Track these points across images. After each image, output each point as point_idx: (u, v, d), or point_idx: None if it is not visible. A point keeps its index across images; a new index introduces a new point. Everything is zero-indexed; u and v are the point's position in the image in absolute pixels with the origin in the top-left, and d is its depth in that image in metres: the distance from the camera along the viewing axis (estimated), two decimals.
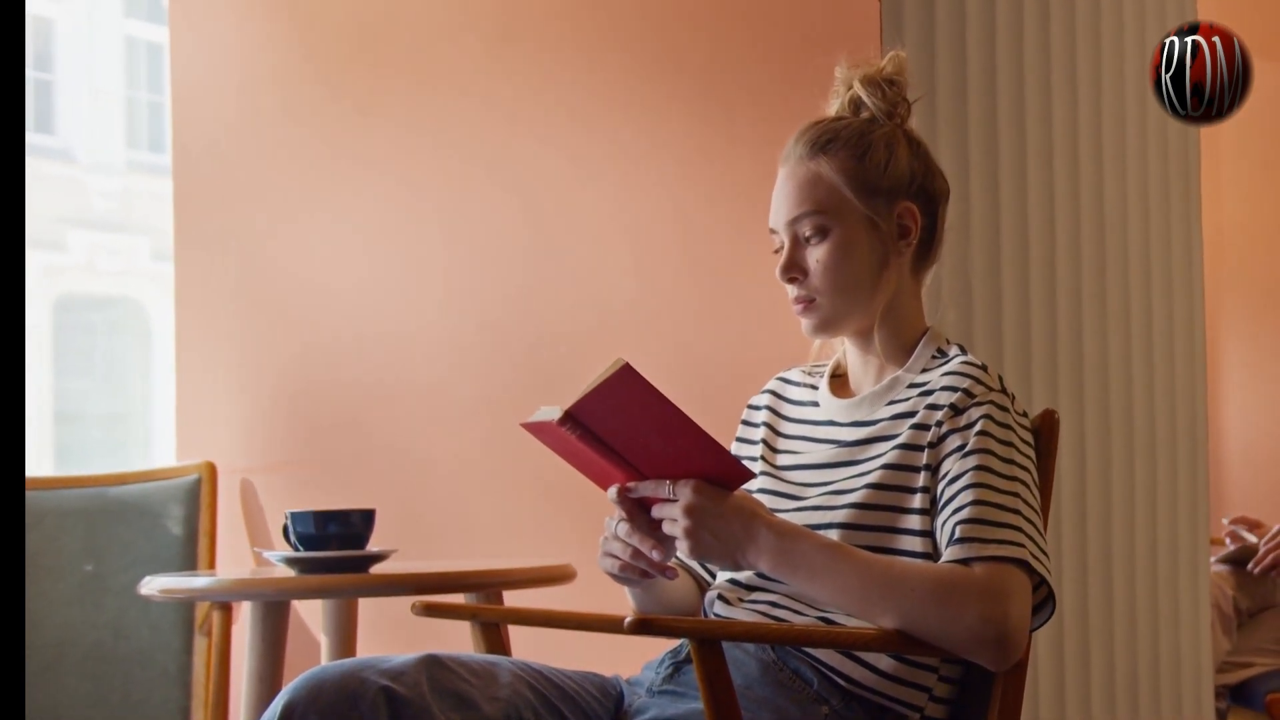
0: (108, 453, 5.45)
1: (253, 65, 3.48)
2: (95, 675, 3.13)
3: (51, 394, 5.83)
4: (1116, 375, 3.07)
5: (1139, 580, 3.10)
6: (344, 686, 1.73)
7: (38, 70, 6.48)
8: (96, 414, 5.90)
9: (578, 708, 1.86)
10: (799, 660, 1.85)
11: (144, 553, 3.16)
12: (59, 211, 6.32)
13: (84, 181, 6.49)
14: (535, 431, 1.80)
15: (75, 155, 6.54)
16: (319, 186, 3.36)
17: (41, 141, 6.54)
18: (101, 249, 6.47)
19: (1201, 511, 3.27)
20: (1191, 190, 3.25)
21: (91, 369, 6.21)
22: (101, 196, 6.53)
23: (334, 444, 3.29)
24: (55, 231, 6.32)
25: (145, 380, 5.83)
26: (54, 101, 6.55)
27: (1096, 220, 3.04)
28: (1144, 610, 3.10)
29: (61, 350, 6.04)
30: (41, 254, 6.31)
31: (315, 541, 2.38)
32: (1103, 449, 3.03)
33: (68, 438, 5.65)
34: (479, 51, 3.17)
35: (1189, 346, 3.26)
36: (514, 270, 3.10)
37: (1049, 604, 1.85)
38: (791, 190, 1.95)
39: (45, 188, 6.40)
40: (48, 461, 5.40)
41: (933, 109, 2.69)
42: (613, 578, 1.91)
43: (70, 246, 6.39)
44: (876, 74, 1.99)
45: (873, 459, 1.90)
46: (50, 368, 6.01)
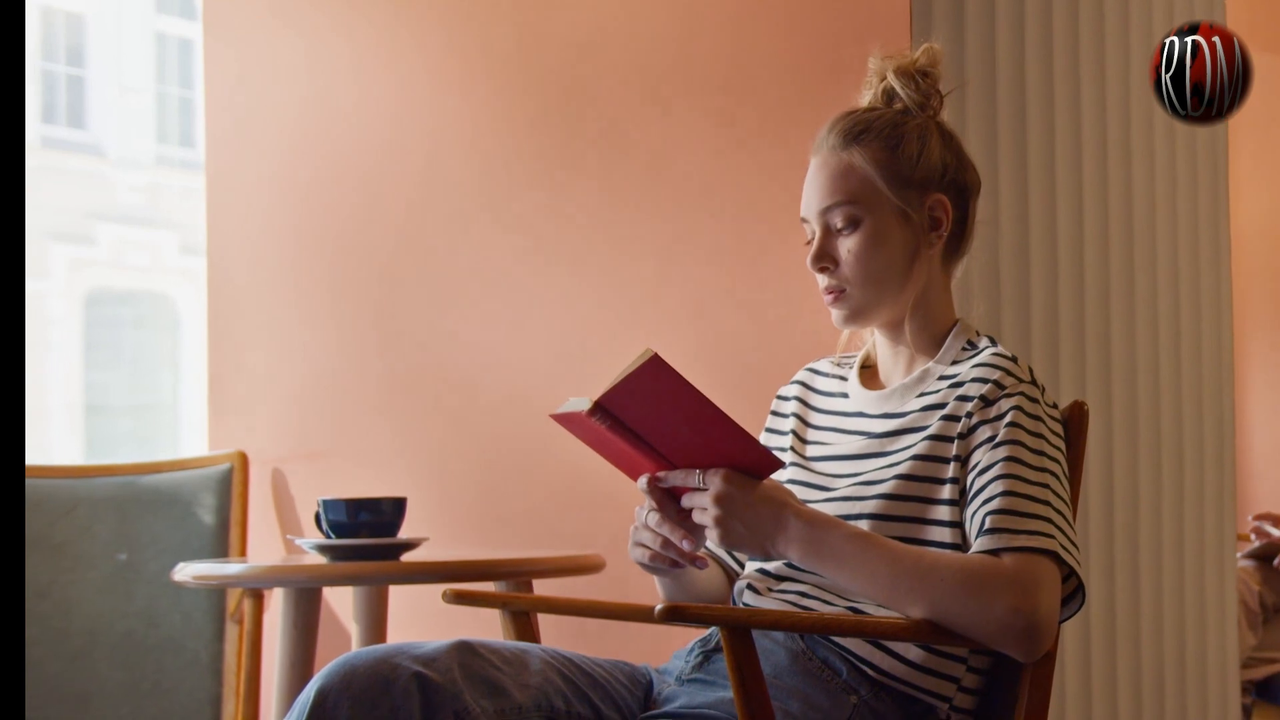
0: (135, 443, 5.49)
1: (286, 59, 3.50)
2: (127, 663, 3.15)
3: (81, 386, 5.86)
4: (1144, 369, 3.07)
5: (1165, 575, 3.10)
6: (376, 672, 1.74)
7: (69, 65, 6.51)
8: (124, 405, 5.93)
9: (607, 695, 1.87)
10: (828, 650, 1.85)
11: (176, 541, 3.18)
12: (88, 206, 6.35)
13: (113, 176, 6.52)
14: (564, 422, 1.81)
15: (105, 150, 6.56)
16: (351, 180, 3.37)
17: (72, 136, 6.57)
18: (130, 243, 6.50)
19: (1228, 506, 3.27)
20: (1220, 185, 3.25)
21: (120, 361, 6.24)
22: (130, 191, 6.56)
23: (364, 434, 3.31)
24: (84, 226, 6.35)
25: (173, 372, 5.86)
26: (85, 96, 6.58)
27: (1125, 214, 3.04)
28: (1170, 605, 3.10)
29: (91, 343, 6.07)
30: (70, 248, 6.34)
31: (347, 529, 2.40)
32: (1130, 443, 3.03)
33: (97, 429, 5.69)
34: (507, 50, 3.18)
35: (1216, 341, 3.26)
36: (545, 261, 3.11)
37: (1078, 595, 1.85)
38: (824, 180, 1.96)
39: (75, 182, 6.43)
40: (77, 452, 5.43)
41: (962, 102, 2.70)
42: (643, 567, 1.92)
43: (99, 240, 6.42)
44: (910, 65, 1.99)
45: (902, 450, 1.91)
46: (80, 360, 6.05)
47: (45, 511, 3.21)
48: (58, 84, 6.48)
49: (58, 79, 6.49)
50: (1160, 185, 3.12)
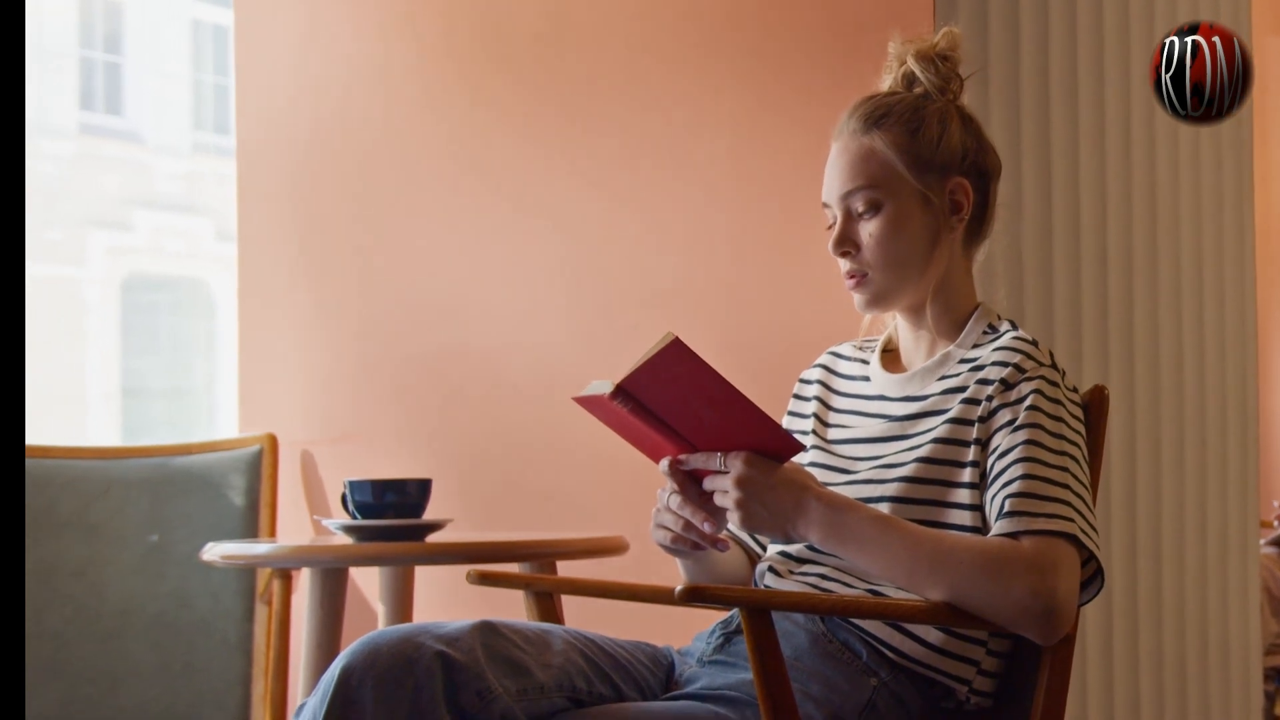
0: (172, 426, 5.53)
1: (316, 45, 3.52)
2: (158, 643, 3.18)
3: (118, 370, 5.91)
4: (1168, 354, 3.07)
5: (1188, 561, 3.09)
6: (400, 651, 1.75)
7: (107, 53, 6.54)
8: (161, 389, 5.97)
9: (629, 676, 1.88)
10: (848, 632, 1.86)
11: (207, 522, 3.21)
12: (126, 192, 6.39)
13: (150, 163, 6.55)
14: (587, 405, 1.83)
15: (142, 137, 6.60)
16: (380, 165, 3.39)
17: (109, 123, 6.61)
18: (167, 230, 6.54)
19: (1251, 492, 3.26)
20: (1244, 170, 3.24)
21: (157, 346, 6.28)
22: (167, 178, 6.60)
23: (392, 417, 3.33)
24: (122, 212, 6.39)
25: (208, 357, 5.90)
26: (122, 84, 6.61)
27: (1149, 198, 3.03)
28: (1192, 591, 3.10)
29: (128, 328, 6.12)
30: (108, 234, 6.38)
31: (373, 510, 2.42)
32: (1153, 428, 3.02)
33: (134, 412, 5.73)
34: (536, 36, 3.19)
35: (1240, 326, 3.25)
36: (571, 245, 3.12)
37: (1097, 579, 1.86)
38: (845, 165, 1.96)
39: (112, 169, 6.47)
40: (115, 435, 5.48)
41: (985, 86, 2.69)
42: (664, 549, 1.93)
43: (136, 227, 6.46)
44: (930, 49, 1.99)
45: (923, 433, 1.91)
46: (117, 345, 6.09)
47: (79, 493, 3.24)
48: (95, 71, 6.51)
49: (96, 66, 6.52)
50: (1184, 170, 3.11)
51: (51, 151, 5.78)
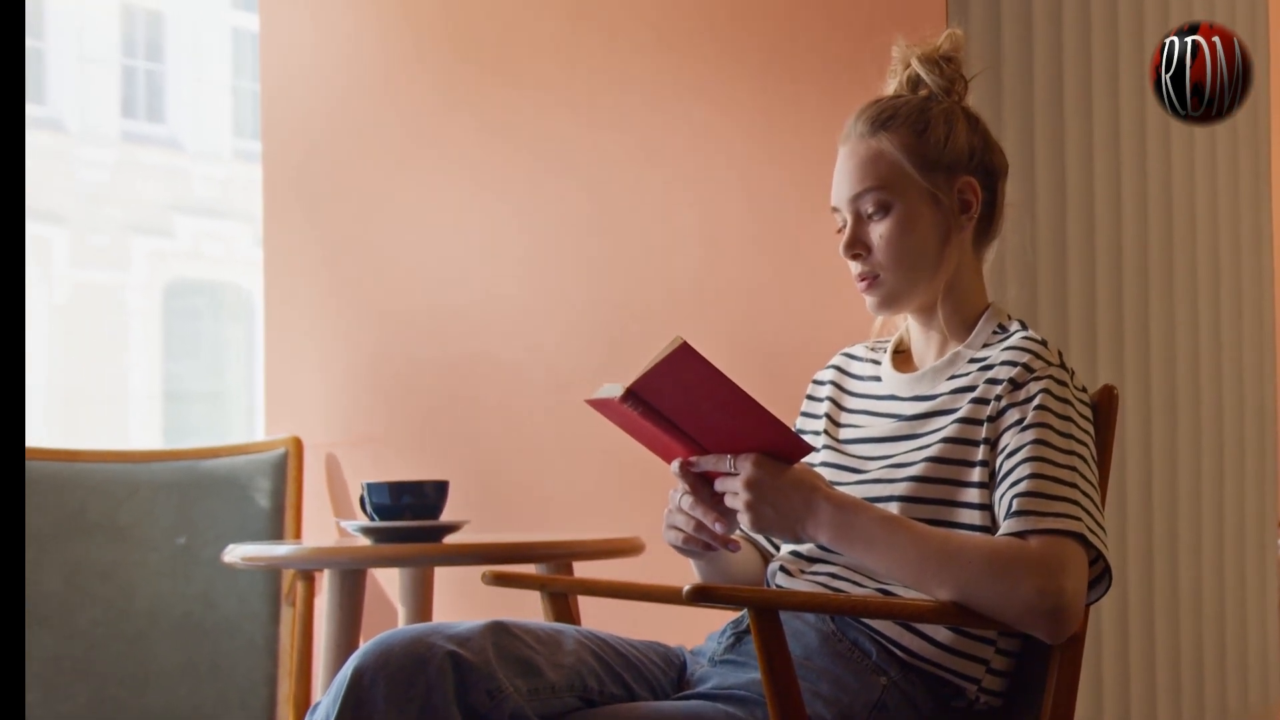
0: (210, 429, 5.58)
1: (339, 53, 3.55)
2: (186, 644, 3.21)
3: (160, 374, 5.97)
4: (1184, 353, 3.06)
5: (1205, 559, 3.08)
6: (412, 651, 1.77)
7: (149, 61, 6.59)
8: (201, 392, 6.01)
9: (641, 676, 1.90)
10: (858, 631, 1.87)
11: (233, 525, 3.24)
12: (167, 198, 6.43)
13: (190, 169, 6.60)
14: (600, 408, 1.84)
15: (183, 143, 6.65)
16: (402, 172, 3.42)
17: (151, 130, 6.66)
18: (207, 235, 6.59)
19: (1269, 490, 3.24)
20: (1261, 167, 3.22)
21: (197, 350, 6.33)
22: (207, 183, 6.64)
23: (415, 419, 3.35)
24: (163, 218, 6.44)
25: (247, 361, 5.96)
26: (164, 91, 6.66)
27: (1164, 196, 3.02)
28: (1209, 590, 3.09)
29: (169, 332, 6.17)
30: (150, 239, 6.44)
31: (390, 512, 2.44)
32: (1169, 427, 3.01)
33: (175, 415, 5.78)
34: (553, 39, 3.21)
35: (1257, 325, 3.23)
36: (587, 250, 3.14)
37: (1105, 578, 1.86)
38: (853, 168, 1.97)
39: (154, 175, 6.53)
40: (156, 437, 5.53)
41: (998, 86, 2.69)
42: (677, 550, 1.94)
43: (177, 232, 6.51)
44: (934, 52, 2.01)
45: (933, 433, 1.92)
46: (159, 349, 6.15)
47: (108, 496, 3.28)
48: (137, 79, 6.57)
49: (137, 74, 6.58)
50: (1200, 168, 3.10)
51: (95, 158, 5.84)
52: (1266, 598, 3.20)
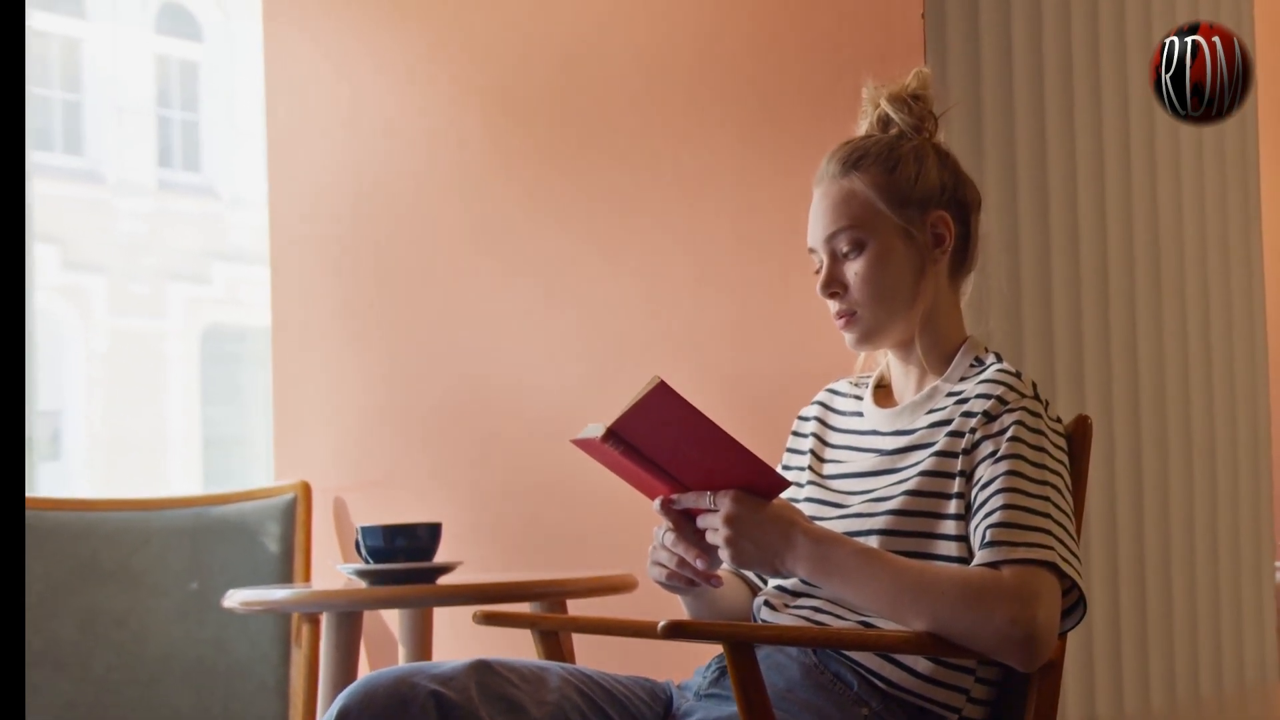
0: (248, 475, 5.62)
1: (346, 100, 3.60)
2: (198, 687, 3.25)
3: (198, 420, 6.03)
4: (1173, 381, 3.05)
5: (1199, 585, 3.07)
6: (395, 692, 1.80)
7: (184, 111, 6.67)
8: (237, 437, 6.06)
9: (626, 711, 1.92)
10: (839, 663, 1.89)
11: (244, 569, 3.28)
12: (203, 245, 6.50)
13: (226, 216, 6.68)
14: (584, 447, 1.87)
15: (218, 191, 6.72)
16: (408, 222, 3.47)
17: (187, 179, 6.75)
18: (243, 281, 6.65)
19: (1264, 517, 3.23)
20: (1250, 195, 3.22)
21: (235, 395, 6.38)
22: (242, 230, 6.71)
23: (419, 462, 3.39)
24: (200, 265, 6.50)
25: None
26: (200, 141, 6.73)
27: (1150, 228, 3.02)
28: (1205, 615, 3.07)
29: (207, 378, 6.24)
30: (187, 286, 6.52)
31: (384, 554, 2.47)
32: (1159, 455, 3.01)
33: (215, 461, 5.83)
34: (551, 86, 3.25)
35: (1249, 351, 3.22)
36: (584, 297, 3.18)
37: (1080, 607, 1.88)
38: (826, 208, 2.00)
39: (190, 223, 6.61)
40: (196, 483, 5.59)
41: (979, 119, 2.71)
42: (661, 586, 1.97)
43: (213, 279, 6.57)
44: (902, 91, 2.04)
45: (911, 466, 1.94)
46: (197, 395, 6.21)
47: (122, 543, 3.33)
48: (173, 129, 6.66)
49: (173, 124, 6.67)
50: (1188, 195, 3.10)
51: (132, 208, 5.92)
52: (1264, 626, 3.19)
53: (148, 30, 6.29)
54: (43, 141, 5.62)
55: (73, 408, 5.39)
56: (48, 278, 5.36)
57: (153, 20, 6.40)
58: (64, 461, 5.20)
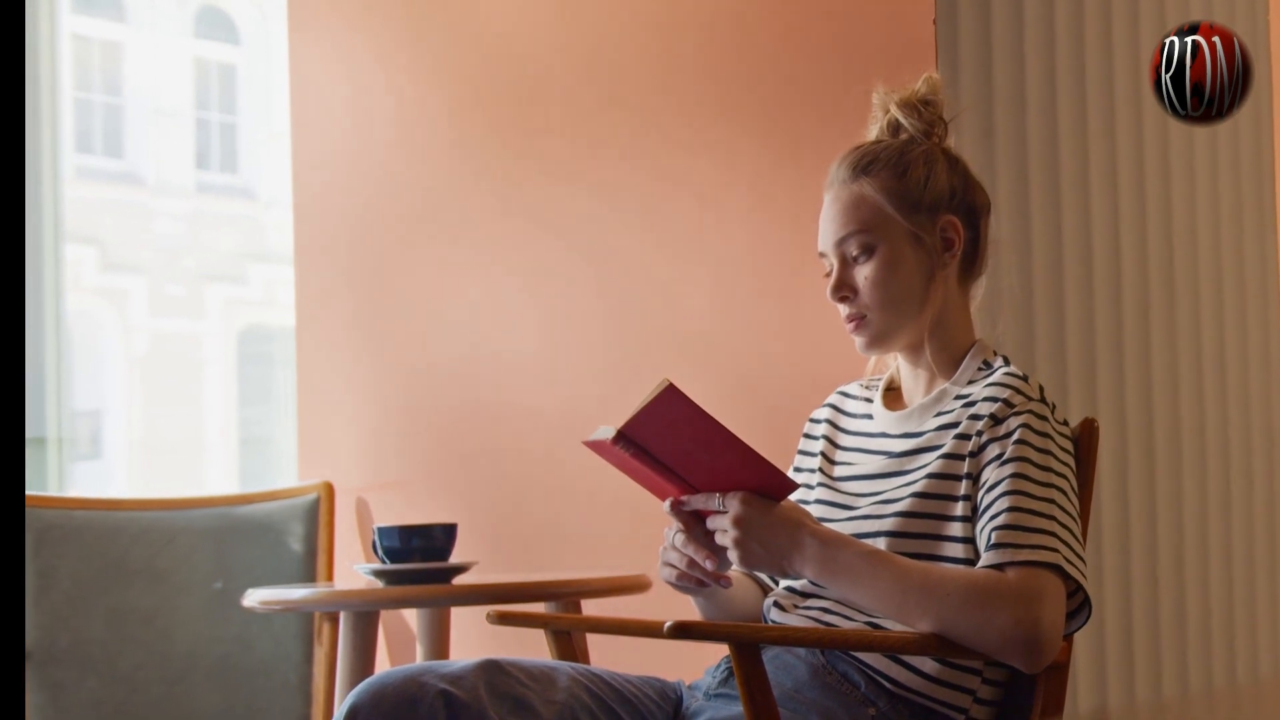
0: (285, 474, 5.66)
1: (368, 99, 3.62)
2: (223, 686, 3.28)
3: (235, 420, 6.07)
4: (1187, 384, 3.04)
5: (1213, 581, 3.05)
6: (404, 691, 1.82)
7: (222, 113, 6.73)
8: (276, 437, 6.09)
9: (635, 710, 1.93)
10: (847, 664, 1.91)
11: (268, 569, 3.31)
12: (240, 247, 6.55)
13: (263, 218, 6.72)
14: (595, 449, 1.90)
15: (255, 193, 6.77)
16: (428, 225, 3.49)
17: (225, 180, 6.81)
18: (280, 282, 6.68)
19: (1278, 511, 3.21)
20: (1265, 198, 3.20)
21: (271, 395, 6.42)
22: (279, 231, 6.74)
23: (439, 462, 3.41)
24: (237, 266, 6.56)
25: None
26: (237, 143, 6.79)
27: (1164, 231, 3.01)
28: (1218, 610, 3.06)
29: (244, 379, 6.28)
30: (224, 287, 6.57)
31: (400, 554, 2.50)
32: (1173, 455, 2.99)
33: (250, 461, 5.87)
34: (570, 94, 3.27)
35: (1264, 352, 3.20)
36: (601, 303, 3.20)
37: (1085, 609, 1.88)
38: (836, 213, 2.02)
39: (228, 224, 6.66)
40: (233, 482, 5.64)
41: (991, 124, 2.71)
42: (672, 586, 1.99)
43: (250, 280, 6.62)
44: (912, 96, 2.05)
45: (919, 469, 1.95)
46: (235, 396, 6.25)
47: (148, 542, 3.37)
48: (211, 132, 6.70)
49: (211, 126, 6.71)
50: (1201, 198, 3.09)
51: (170, 210, 5.97)
52: (1278, 621, 3.18)
53: (186, 34, 6.34)
54: (84, 144, 5.67)
55: (112, 408, 5.43)
56: (87, 279, 5.40)
57: (191, 24, 6.45)
58: (104, 461, 5.24)
